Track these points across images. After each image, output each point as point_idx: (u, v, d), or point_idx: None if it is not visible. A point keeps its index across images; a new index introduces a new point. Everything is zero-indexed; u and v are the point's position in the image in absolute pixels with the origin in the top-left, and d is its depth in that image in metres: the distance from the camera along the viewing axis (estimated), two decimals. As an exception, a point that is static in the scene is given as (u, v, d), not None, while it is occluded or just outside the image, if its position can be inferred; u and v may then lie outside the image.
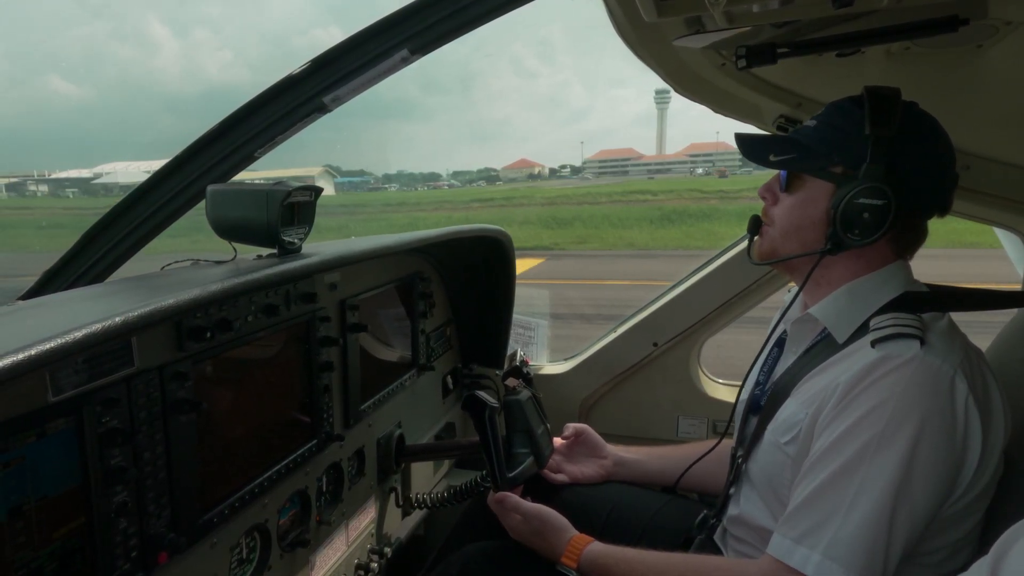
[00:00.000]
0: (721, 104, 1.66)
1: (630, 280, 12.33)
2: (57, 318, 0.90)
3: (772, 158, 1.26)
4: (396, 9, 1.30)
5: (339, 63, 1.33)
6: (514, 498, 1.50)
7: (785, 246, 1.28)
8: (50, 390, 0.81)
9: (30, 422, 0.80)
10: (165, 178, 1.49)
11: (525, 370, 1.97)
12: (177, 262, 1.42)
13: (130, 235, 1.52)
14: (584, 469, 1.76)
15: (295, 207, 1.34)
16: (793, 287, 1.43)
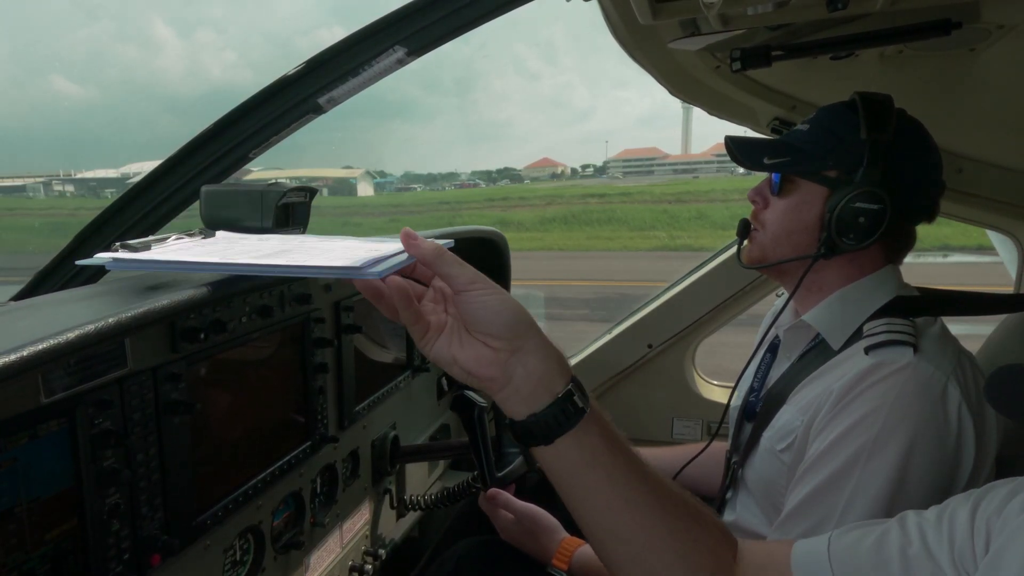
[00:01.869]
0: (716, 106, 1.67)
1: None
2: (50, 319, 0.89)
3: (766, 160, 1.26)
4: (392, 10, 1.29)
5: (334, 64, 1.33)
6: (505, 495, 1.50)
7: (776, 250, 1.28)
8: (42, 391, 0.81)
9: (22, 424, 0.79)
10: (159, 179, 1.48)
11: None
12: None
13: (124, 236, 1.51)
14: None
15: (289, 208, 1.34)
16: (783, 291, 1.43)
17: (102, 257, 0.96)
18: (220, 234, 1.17)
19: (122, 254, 0.96)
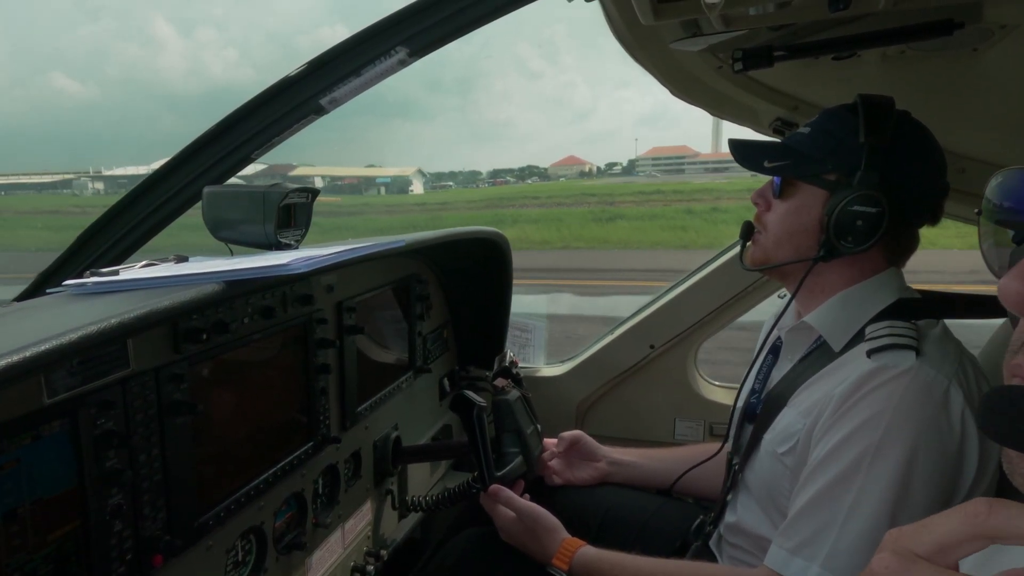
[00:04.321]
0: (717, 107, 1.67)
1: None
2: (53, 320, 0.89)
3: (766, 164, 1.26)
4: (394, 11, 1.30)
5: (336, 65, 1.33)
6: (507, 491, 1.50)
7: (778, 253, 1.28)
8: (45, 392, 0.81)
9: (25, 424, 0.79)
10: (162, 180, 1.49)
11: (514, 370, 1.97)
12: None
13: (126, 237, 1.51)
14: (579, 473, 1.76)
15: (291, 209, 1.35)
16: (785, 293, 1.43)
17: (69, 284, 1.07)
18: (193, 259, 1.26)
19: (91, 279, 1.07)
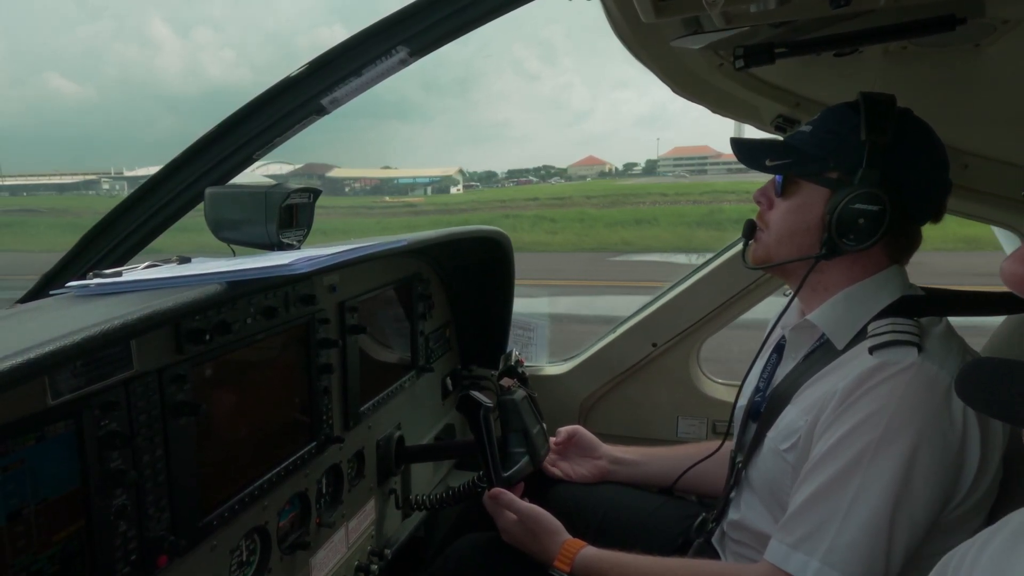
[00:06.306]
0: (719, 104, 1.66)
1: None
2: (56, 321, 0.90)
3: (768, 163, 1.26)
4: (394, 10, 1.30)
5: (337, 65, 1.34)
6: (508, 495, 1.50)
7: (780, 251, 1.28)
8: (49, 393, 0.81)
9: (29, 426, 0.80)
10: (164, 180, 1.49)
11: (520, 370, 1.97)
12: None
13: (129, 237, 1.52)
14: (578, 469, 1.76)
15: (293, 209, 1.35)
16: (789, 291, 1.43)
17: (72, 286, 1.08)
18: (195, 260, 1.26)
19: (94, 280, 1.07)
